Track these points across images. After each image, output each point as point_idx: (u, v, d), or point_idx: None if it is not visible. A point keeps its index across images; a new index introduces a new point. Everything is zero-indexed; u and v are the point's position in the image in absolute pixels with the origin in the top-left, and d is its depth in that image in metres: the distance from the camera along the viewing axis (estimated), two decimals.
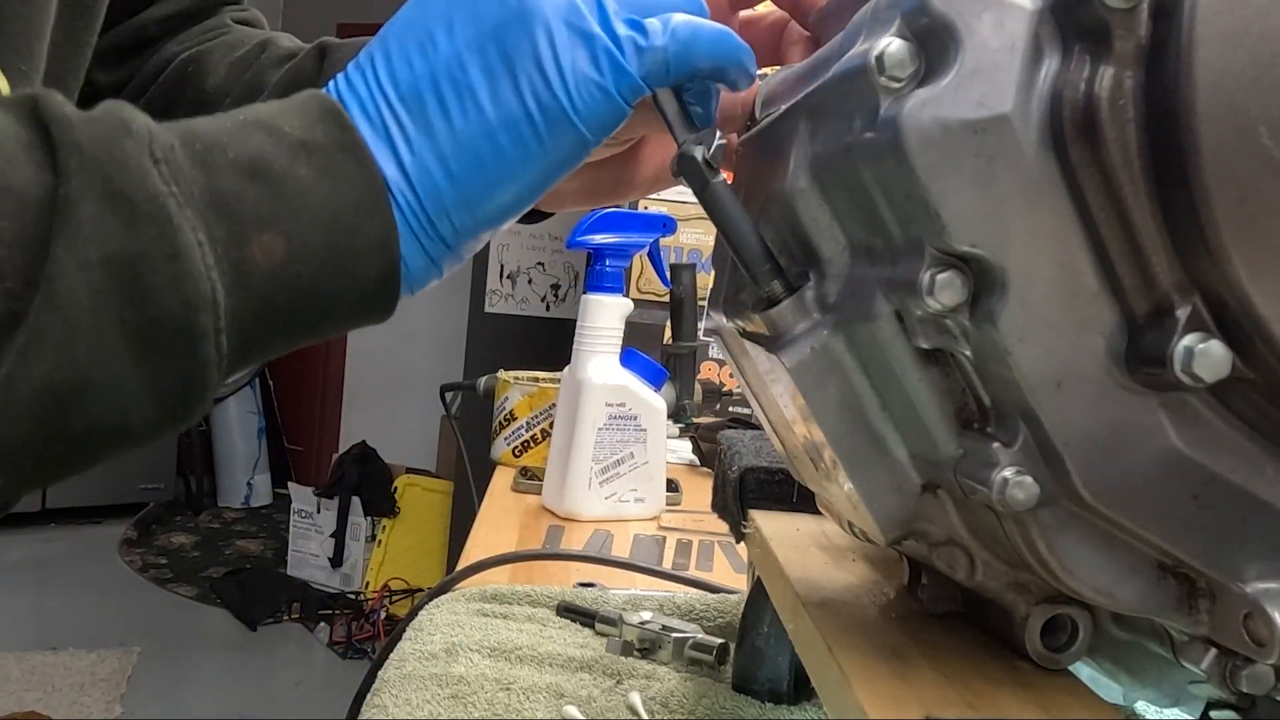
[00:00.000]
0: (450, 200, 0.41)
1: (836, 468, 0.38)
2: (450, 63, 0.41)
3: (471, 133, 0.41)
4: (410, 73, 0.41)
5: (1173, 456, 0.31)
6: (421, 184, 0.41)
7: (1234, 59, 0.27)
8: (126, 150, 0.36)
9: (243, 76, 0.70)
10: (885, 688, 0.36)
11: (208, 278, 0.36)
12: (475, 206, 0.42)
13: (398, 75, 0.42)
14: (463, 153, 0.41)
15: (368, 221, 0.39)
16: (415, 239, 0.41)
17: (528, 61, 0.41)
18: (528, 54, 0.41)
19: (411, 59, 0.42)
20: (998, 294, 0.31)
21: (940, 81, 0.30)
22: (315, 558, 3.83)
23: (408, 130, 0.41)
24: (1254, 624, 0.31)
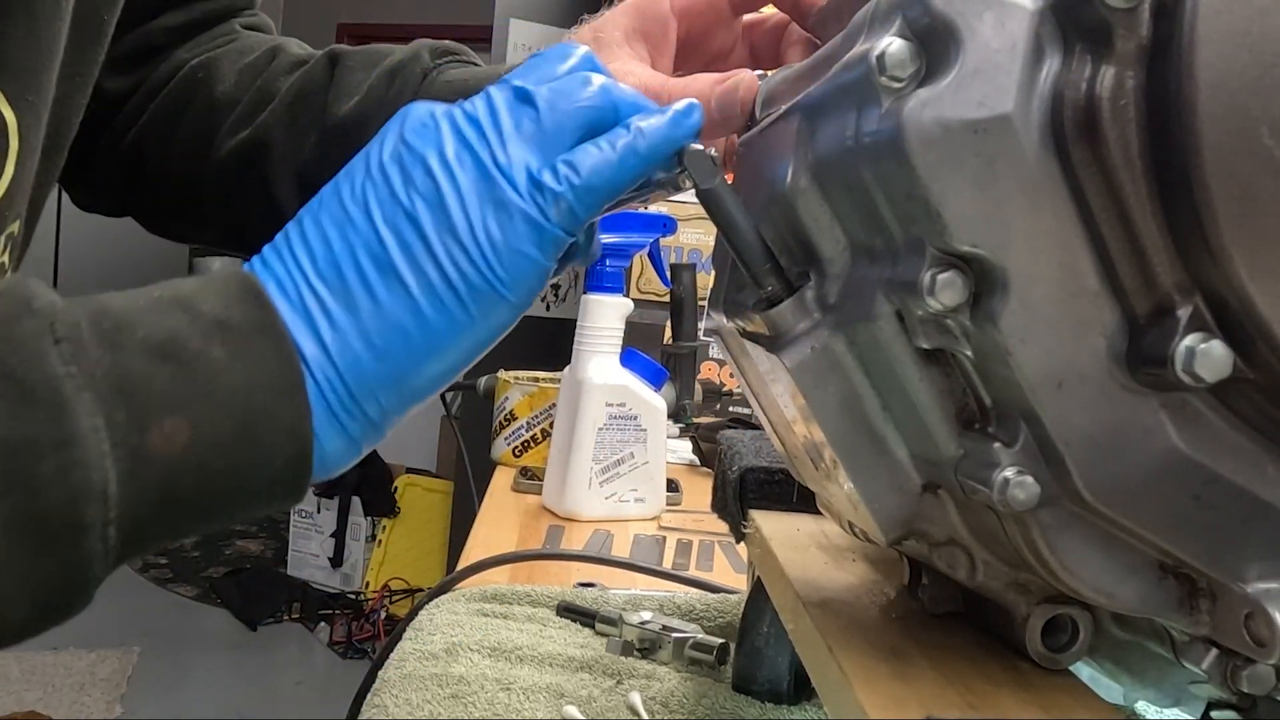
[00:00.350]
0: (376, 377, 0.40)
1: (837, 468, 0.38)
2: (369, 239, 0.41)
3: (395, 309, 0.40)
4: (329, 250, 0.41)
5: (1174, 457, 0.31)
6: (345, 362, 0.40)
7: (1235, 59, 0.27)
8: (25, 330, 0.34)
9: (253, 84, 0.70)
10: (886, 688, 0.36)
11: (100, 466, 0.34)
12: (402, 382, 0.41)
13: (316, 253, 0.41)
14: (387, 329, 0.40)
15: (281, 406, 0.38)
16: (336, 420, 0.40)
17: (446, 237, 0.40)
18: (445, 229, 0.40)
19: (329, 236, 0.41)
20: (999, 294, 0.31)
21: (941, 81, 0.30)
22: (315, 558, 3.83)
23: (329, 307, 0.40)
24: (1255, 624, 0.31)
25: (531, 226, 0.41)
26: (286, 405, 0.38)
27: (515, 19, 2.77)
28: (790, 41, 0.60)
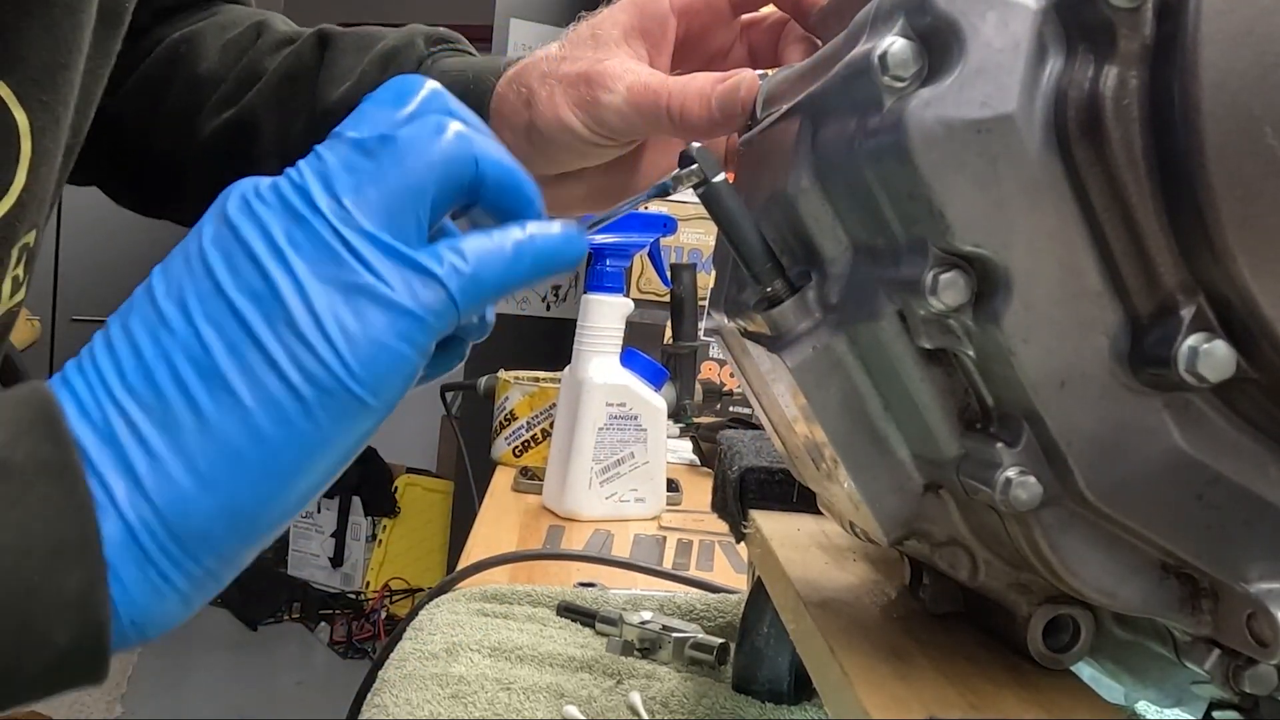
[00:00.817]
0: (206, 514, 0.33)
1: (838, 467, 0.38)
2: (188, 342, 0.33)
3: (226, 426, 0.33)
4: (139, 360, 0.33)
5: (1176, 457, 0.31)
6: (165, 499, 0.32)
7: (1239, 58, 0.27)
8: None
9: (237, 62, 0.68)
10: (887, 688, 0.36)
11: None
12: (240, 516, 0.33)
13: (125, 364, 0.33)
14: (217, 452, 0.33)
15: (64, 569, 0.31)
16: (156, 572, 0.32)
17: (284, 331, 0.33)
18: (282, 322, 0.33)
19: (140, 343, 0.34)
20: (1001, 294, 0.31)
21: (944, 81, 0.30)
22: (316, 557, 3.83)
23: (143, 431, 0.32)
24: (1257, 624, 0.31)
25: (395, 313, 0.34)
26: (72, 568, 0.31)
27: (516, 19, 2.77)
28: (789, 40, 0.60)
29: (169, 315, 0.34)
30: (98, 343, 0.34)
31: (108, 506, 0.32)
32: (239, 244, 0.34)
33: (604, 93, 0.55)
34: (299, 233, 0.34)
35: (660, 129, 0.55)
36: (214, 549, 0.33)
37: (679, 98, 0.54)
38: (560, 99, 0.57)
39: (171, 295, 0.34)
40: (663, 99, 0.54)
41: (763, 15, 0.61)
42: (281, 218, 0.34)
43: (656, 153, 0.63)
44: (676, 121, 0.54)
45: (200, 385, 0.33)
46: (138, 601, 0.32)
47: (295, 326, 0.33)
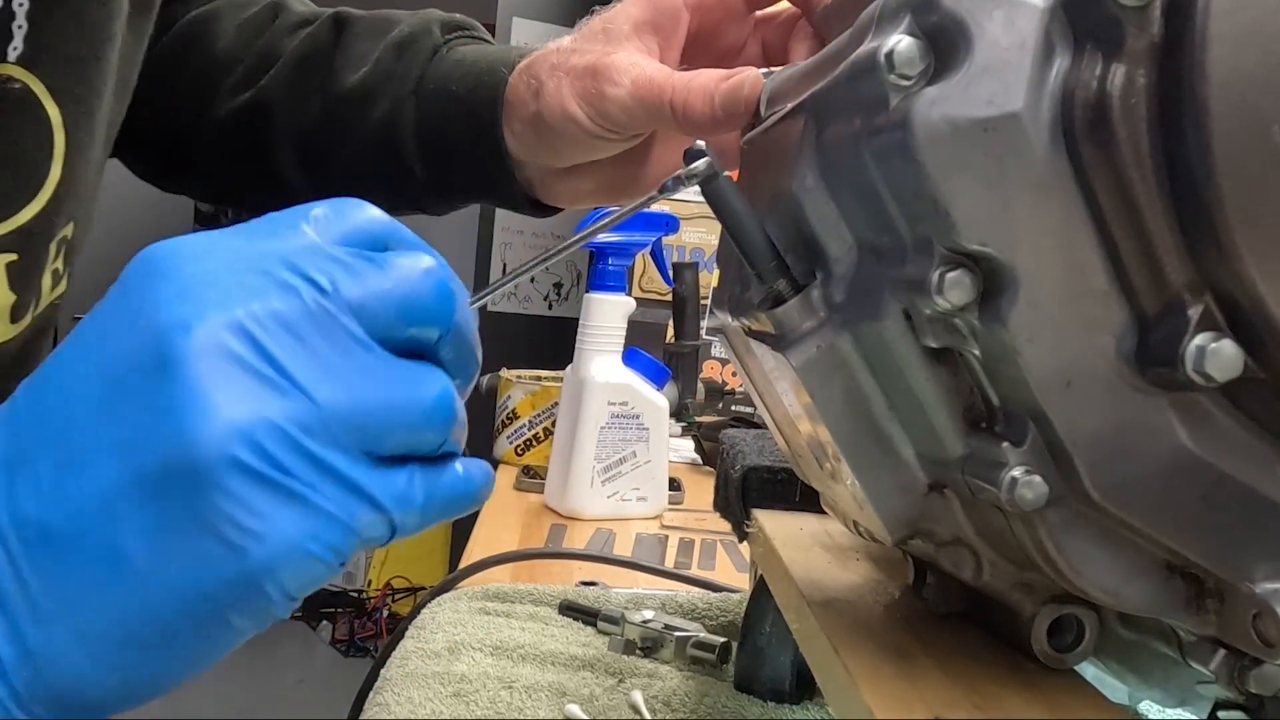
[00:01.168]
0: (98, 688, 0.30)
1: (842, 466, 0.38)
2: (100, 508, 0.29)
3: (128, 610, 0.30)
4: (40, 506, 0.30)
5: (1182, 456, 0.31)
6: (49, 672, 0.30)
7: (1247, 57, 0.27)
8: None
9: (255, 43, 0.68)
10: (891, 688, 0.36)
11: None
12: (131, 687, 0.31)
13: (23, 507, 0.30)
14: (116, 634, 0.30)
15: None
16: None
17: (205, 526, 0.29)
18: (204, 513, 0.29)
19: (42, 484, 0.30)
20: (1007, 293, 0.30)
21: (950, 79, 0.30)
22: None
23: (33, 593, 0.30)
24: (1263, 624, 0.31)
25: (332, 529, 0.31)
26: None
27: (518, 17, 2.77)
28: (799, 37, 0.59)
29: (84, 466, 0.30)
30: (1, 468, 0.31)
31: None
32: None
33: (609, 86, 0.55)
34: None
35: (664, 124, 0.55)
36: (98, 711, 0.31)
37: (682, 93, 0.53)
38: (566, 91, 0.57)
39: (89, 433, 0.30)
40: (666, 94, 0.54)
41: (776, 11, 0.61)
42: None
43: (665, 148, 0.62)
44: (679, 117, 0.54)
45: (105, 566, 0.30)
46: None
47: (219, 530, 0.30)
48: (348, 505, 0.31)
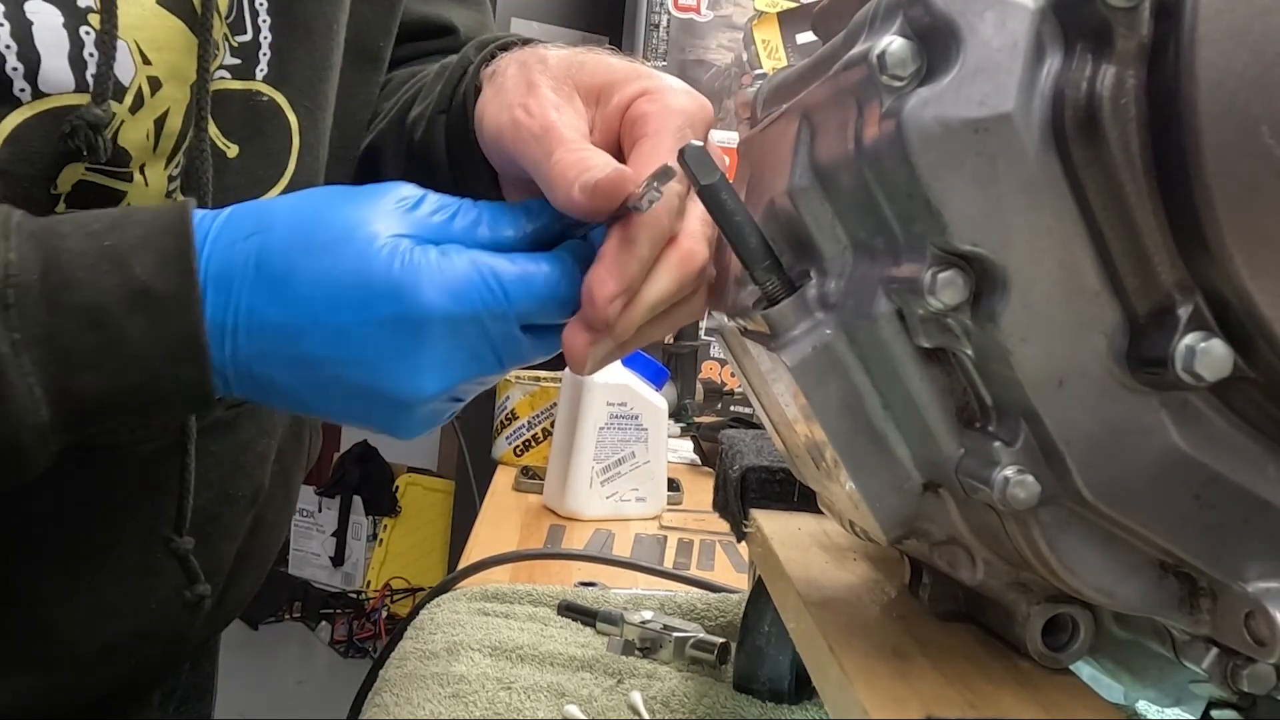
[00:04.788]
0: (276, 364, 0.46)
1: (838, 467, 0.38)
2: (324, 296, 0.45)
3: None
4: (281, 312, 0.45)
5: (1174, 456, 0.31)
6: (251, 349, 0.46)
7: (1236, 58, 0.27)
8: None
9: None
10: (886, 687, 0.36)
11: (34, 410, 0.43)
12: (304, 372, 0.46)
13: (265, 315, 0.45)
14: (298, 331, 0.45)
15: (185, 368, 0.45)
16: (226, 386, 0.47)
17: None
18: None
19: (283, 292, 0.45)
20: (999, 293, 0.31)
21: (942, 80, 0.30)
22: (317, 557, 3.83)
23: (253, 328, 0.45)
24: (1255, 623, 0.31)
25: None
26: (190, 368, 0.45)
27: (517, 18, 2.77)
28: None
29: (310, 275, 0.45)
30: (256, 240, 0.46)
31: (215, 336, 0.45)
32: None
33: (520, 111, 0.51)
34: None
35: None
36: (271, 376, 0.46)
37: (552, 168, 0.48)
38: (502, 90, 0.54)
39: (325, 252, 0.45)
40: (543, 169, 0.49)
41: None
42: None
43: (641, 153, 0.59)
44: (548, 194, 0.49)
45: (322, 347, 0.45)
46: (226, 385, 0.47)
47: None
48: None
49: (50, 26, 0.49)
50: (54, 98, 0.50)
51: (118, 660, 0.64)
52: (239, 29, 0.57)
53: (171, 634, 0.66)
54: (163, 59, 0.53)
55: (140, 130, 0.53)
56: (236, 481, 0.66)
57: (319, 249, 0.45)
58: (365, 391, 0.46)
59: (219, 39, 0.56)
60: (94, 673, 0.63)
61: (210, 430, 0.62)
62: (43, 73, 0.49)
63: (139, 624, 0.63)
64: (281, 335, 0.45)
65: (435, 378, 0.46)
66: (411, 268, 0.45)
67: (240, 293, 0.45)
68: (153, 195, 0.55)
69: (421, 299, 0.44)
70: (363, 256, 0.45)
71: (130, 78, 0.52)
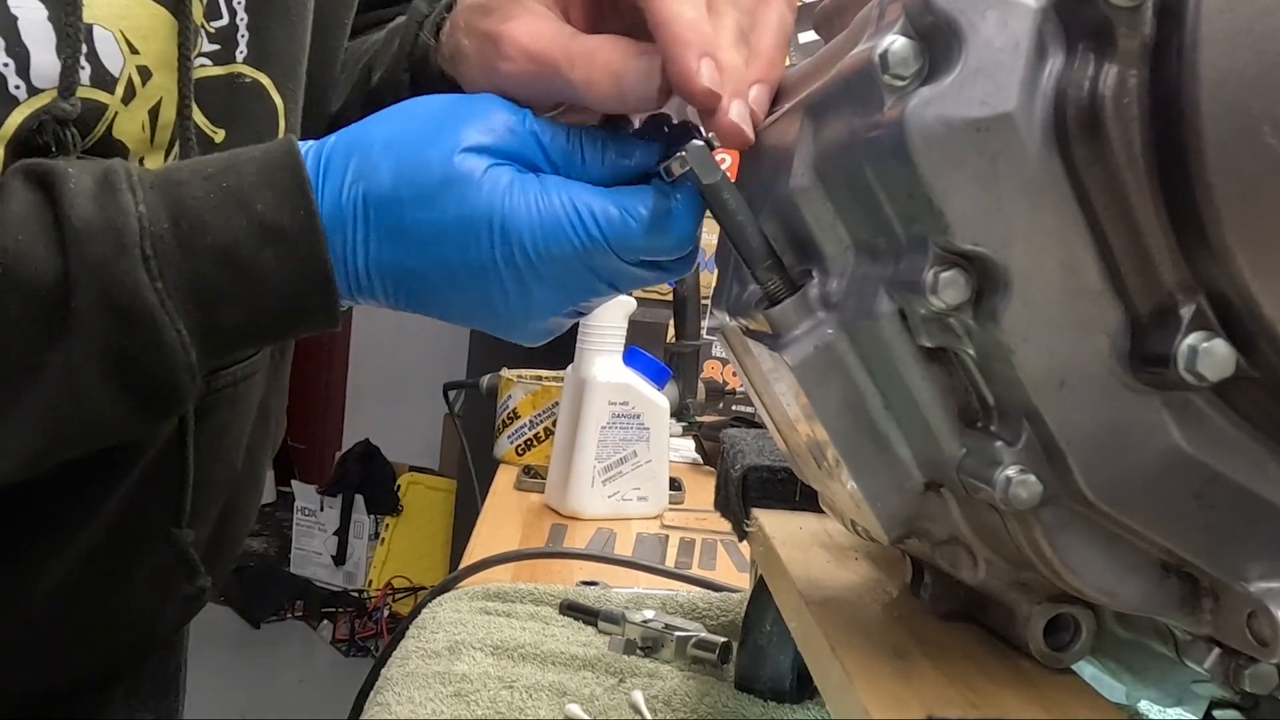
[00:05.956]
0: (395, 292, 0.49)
1: (839, 466, 0.38)
2: (433, 241, 0.47)
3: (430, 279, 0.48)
4: (396, 252, 0.48)
5: (1176, 456, 0.31)
6: (374, 275, 0.48)
7: (1238, 58, 0.27)
8: (122, 268, 0.45)
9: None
10: (887, 687, 0.36)
11: (184, 352, 0.47)
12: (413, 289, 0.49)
13: (381, 256, 0.48)
14: (411, 280, 0.48)
15: (317, 293, 0.48)
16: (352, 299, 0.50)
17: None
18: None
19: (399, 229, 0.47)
20: (1001, 293, 0.31)
21: (944, 80, 0.30)
22: (318, 555, 3.83)
23: (371, 251, 0.48)
24: (1257, 623, 0.31)
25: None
26: (321, 294, 0.48)
27: None
28: None
29: (428, 209, 0.47)
30: (359, 155, 0.47)
31: (339, 267, 0.48)
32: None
33: (502, 61, 0.50)
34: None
35: (568, 100, 0.50)
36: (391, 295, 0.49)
37: (584, 70, 0.47)
38: (473, 60, 0.53)
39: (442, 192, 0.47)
40: (565, 70, 0.48)
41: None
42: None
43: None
44: (583, 95, 0.48)
45: (438, 273, 0.48)
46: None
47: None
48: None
49: (36, 20, 0.49)
50: (49, 92, 0.50)
51: (82, 650, 0.64)
52: (214, 14, 0.57)
53: (138, 624, 0.66)
54: (151, 48, 0.53)
55: (135, 122, 0.53)
56: (213, 468, 0.66)
57: (422, 197, 0.47)
58: (484, 314, 0.49)
59: (198, 24, 0.55)
60: (58, 660, 0.63)
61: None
62: (34, 67, 0.49)
63: (106, 615, 0.63)
64: (399, 272, 0.48)
65: (548, 305, 0.49)
66: (512, 209, 0.46)
67: (354, 236, 0.47)
68: None
69: (524, 241, 0.46)
70: (464, 201, 0.46)
71: (120, 68, 0.52)
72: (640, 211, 0.47)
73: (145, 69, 0.53)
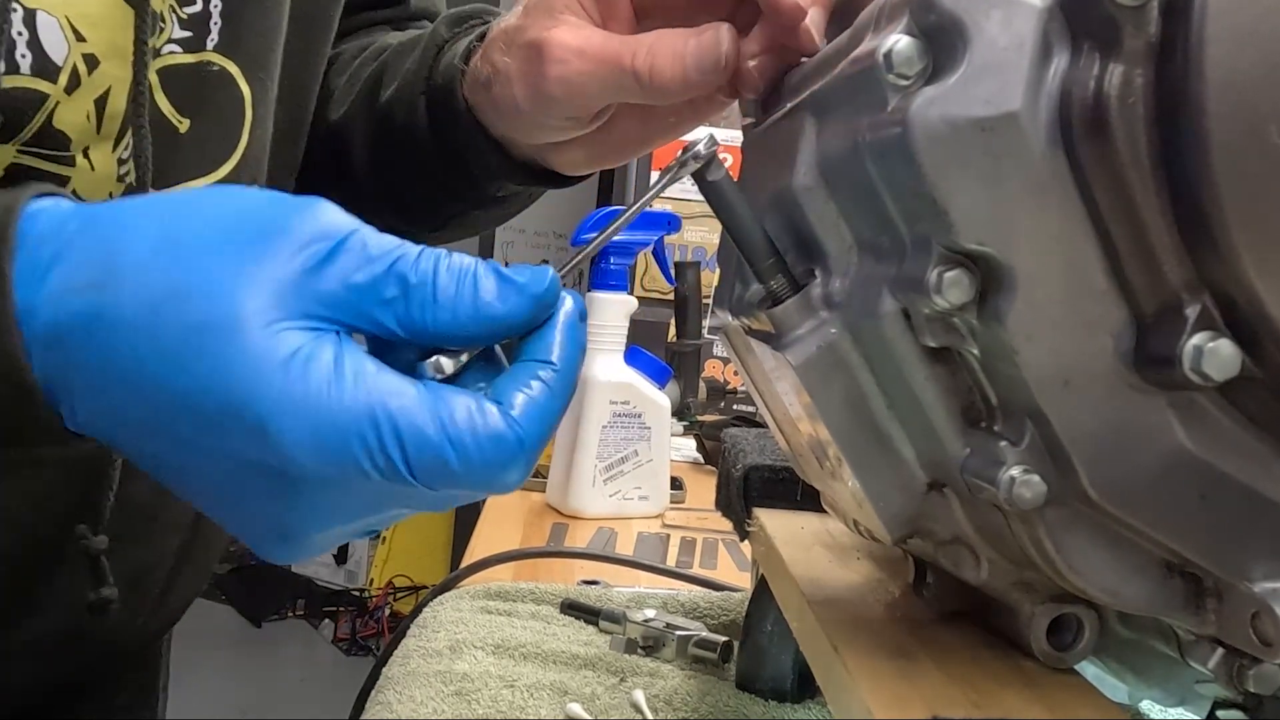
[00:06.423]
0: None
1: (842, 465, 0.38)
2: (168, 409, 0.34)
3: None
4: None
5: (1181, 456, 0.31)
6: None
7: (1244, 57, 0.27)
8: None
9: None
10: (890, 687, 0.36)
11: None
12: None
13: (106, 401, 0.35)
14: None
15: (19, 405, 0.35)
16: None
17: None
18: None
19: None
20: (1005, 292, 0.31)
21: (948, 79, 0.30)
22: (319, 555, 3.84)
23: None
24: (1261, 623, 0.31)
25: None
26: (22, 406, 0.34)
27: None
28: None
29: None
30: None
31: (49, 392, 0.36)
32: None
33: (553, 65, 0.50)
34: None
35: (627, 94, 0.50)
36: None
37: (646, 57, 0.48)
38: (514, 75, 0.53)
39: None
40: (626, 60, 0.49)
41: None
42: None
43: (627, 118, 0.56)
44: (646, 84, 0.48)
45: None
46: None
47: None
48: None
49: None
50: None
51: (44, 660, 0.62)
52: (187, 0, 0.55)
53: (105, 634, 0.64)
54: (99, 35, 0.51)
55: (79, 112, 0.51)
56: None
57: (171, 338, 0.33)
58: (233, 522, 0.37)
59: (165, 11, 0.54)
60: (18, 671, 0.61)
61: None
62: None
63: (65, 624, 0.61)
64: (128, 428, 0.35)
65: (313, 532, 0.37)
66: (283, 401, 0.33)
67: (74, 359, 0.35)
68: (100, 179, 0.53)
69: (289, 451, 0.33)
70: (217, 367, 0.33)
71: (63, 56, 0.50)
72: (468, 438, 0.34)
73: (92, 57, 0.51)
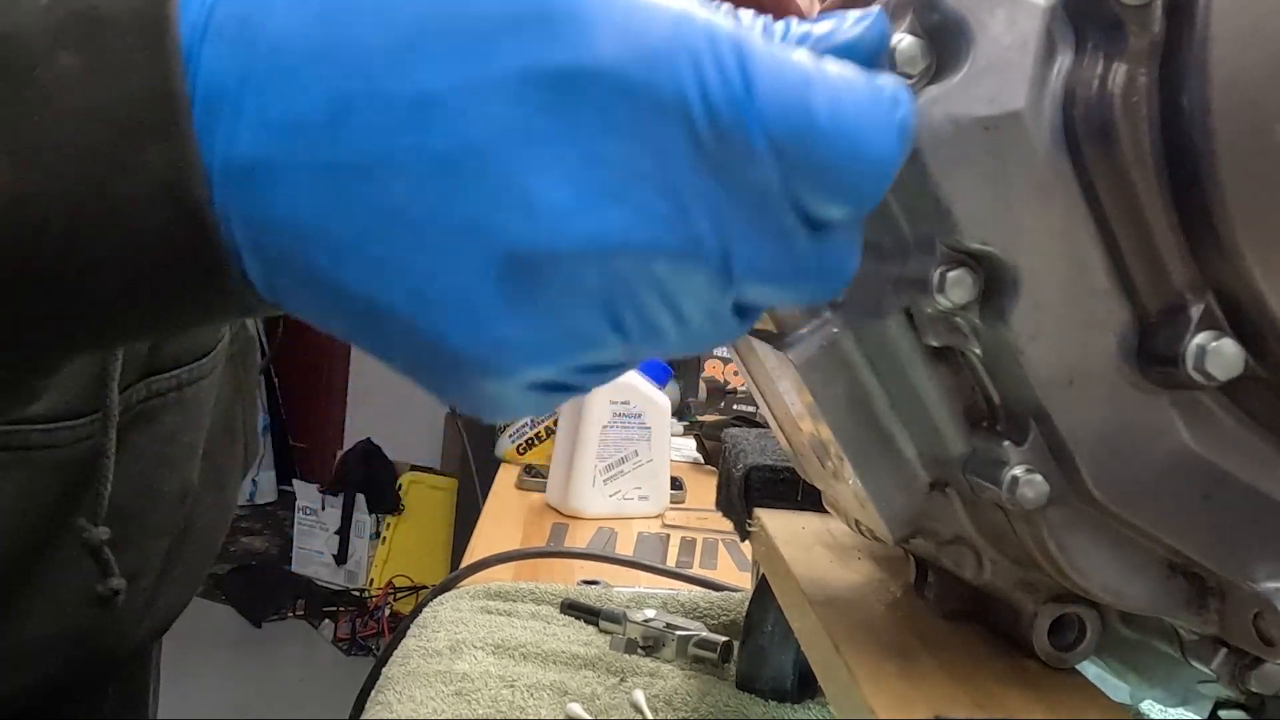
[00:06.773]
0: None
1: (843, 465, 0.38)
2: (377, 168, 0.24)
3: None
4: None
5: (1184, 455, 0.31)
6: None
7: (1248, 56, 0.27)
8: None
9: None
10: (892, 687, 0.36)
11: None
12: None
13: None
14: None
15: (150, 139, 0.24)
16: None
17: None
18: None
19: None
20: (1009, 292, 0.31)
21: (952, 78, 0.30)
22: (320, 555, 3.83)
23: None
24: (1264, 623, 0.31)
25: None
26: (155, 144, 0.24)
27: None
28: None
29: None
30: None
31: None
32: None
33: None
34: None
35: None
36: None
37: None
38: None
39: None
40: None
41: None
42: None
43: None
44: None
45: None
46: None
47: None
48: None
49: None
50: None
51: (28, 667, 0.60)
52: None
53: (91, 638, 0.62)
54: None
55: None
56: (161, 475, 0.62)
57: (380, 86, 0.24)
58: (414, 337, 0.27)
59: None
60: (1, 679, 0.60)
61: (131, 420, 0.58)
62: None
63: (49, 631, 0.59)
64: (293, 225, 0.25)
65: (527, 348, 0.26)
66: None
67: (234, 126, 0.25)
68: None
69: (597, 48, 0.24)
70: (462, 121, 0.24)
71: None
72: (836, 77, 0.26)
73: None
